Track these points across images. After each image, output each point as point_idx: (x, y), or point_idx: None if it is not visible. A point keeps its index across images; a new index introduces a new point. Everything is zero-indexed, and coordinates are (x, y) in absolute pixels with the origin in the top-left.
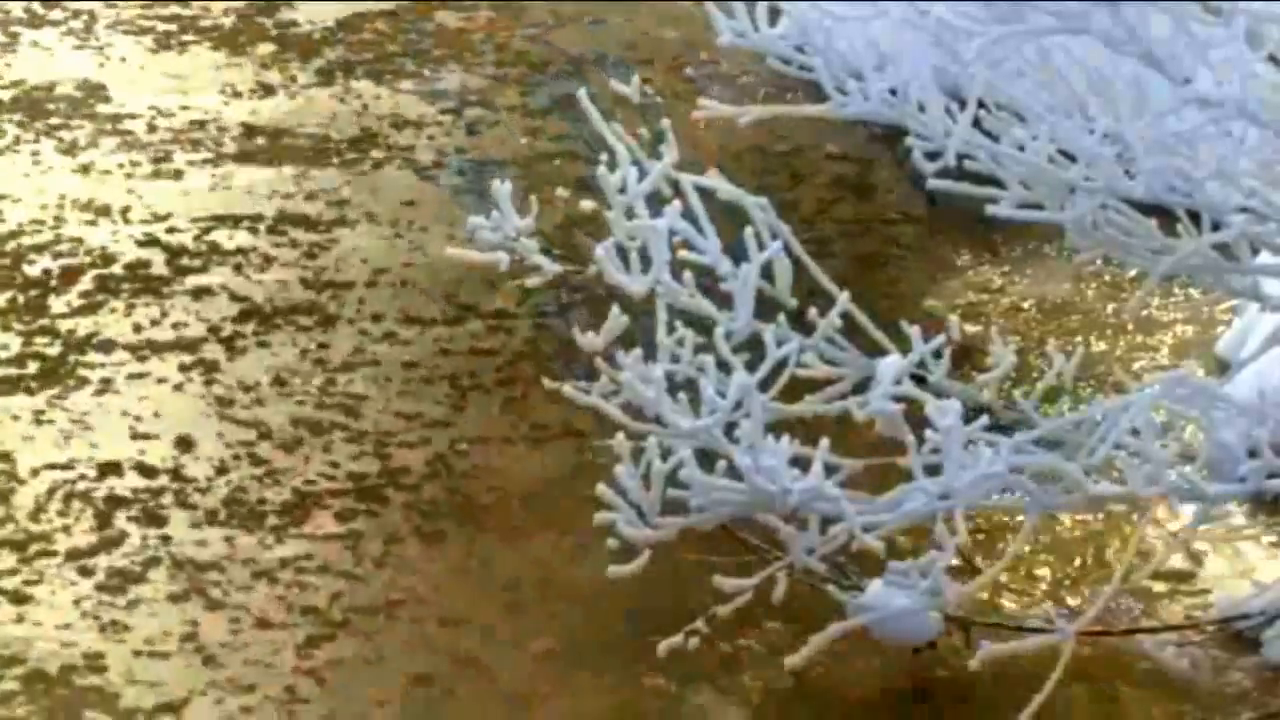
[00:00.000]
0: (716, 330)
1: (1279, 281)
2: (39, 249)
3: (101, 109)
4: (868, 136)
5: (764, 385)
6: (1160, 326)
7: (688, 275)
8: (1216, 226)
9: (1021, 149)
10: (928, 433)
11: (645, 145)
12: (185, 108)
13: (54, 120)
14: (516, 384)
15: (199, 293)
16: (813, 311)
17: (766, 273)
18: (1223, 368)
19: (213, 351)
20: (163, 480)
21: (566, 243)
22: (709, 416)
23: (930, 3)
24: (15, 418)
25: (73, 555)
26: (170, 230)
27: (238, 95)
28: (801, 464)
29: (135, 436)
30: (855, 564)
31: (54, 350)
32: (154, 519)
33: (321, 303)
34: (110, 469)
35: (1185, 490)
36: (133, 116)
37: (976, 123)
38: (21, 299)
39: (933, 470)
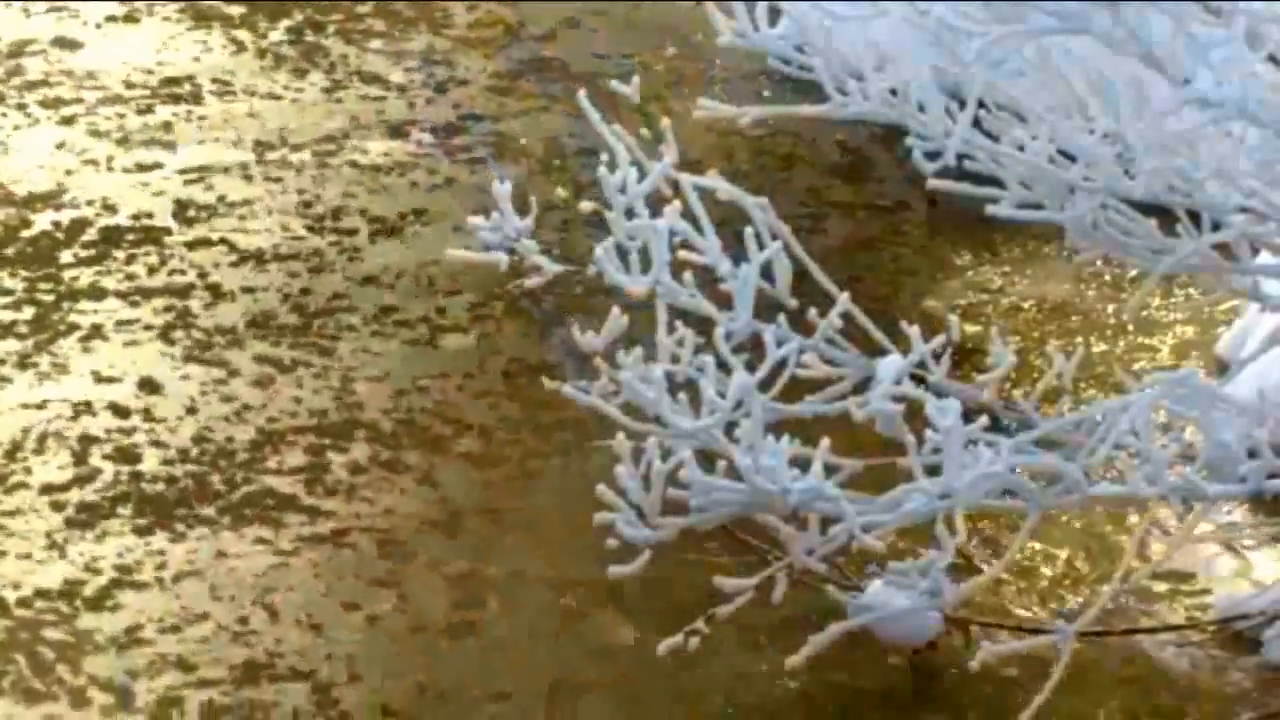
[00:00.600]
0: (716, 330)
1: (1279, 281)
2: (42, 200)
3: (76, 65)
4: (868, 136)
5: (764, 385)
6: (1160, 327)
7: (687, 276)
8: (1216, 226)
9: (1021, 149)
10: (928, 433)
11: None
12: (161, 64)
13: (32, 76)
14: (488, 321)
15: (196, 243)
16: (812, 312)
17: (766, 272)
18: (1223, 368)
19: (200, 297)
20: (135, 420)
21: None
22: (709, 417)
23: (930, 2)
24: (1, 361)
25: (46, 490)
26: (166, 178)
27: (209, 51)
28: (801, 464)
29: (112, 380)
30: (854, 565)
31: (49, 298)
32: (127, 456)
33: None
34: (85, 408)
35: (1185, 490)
36: (108, 73)
37: (976, 123)
38: (30, 250)
39: (933, 470)
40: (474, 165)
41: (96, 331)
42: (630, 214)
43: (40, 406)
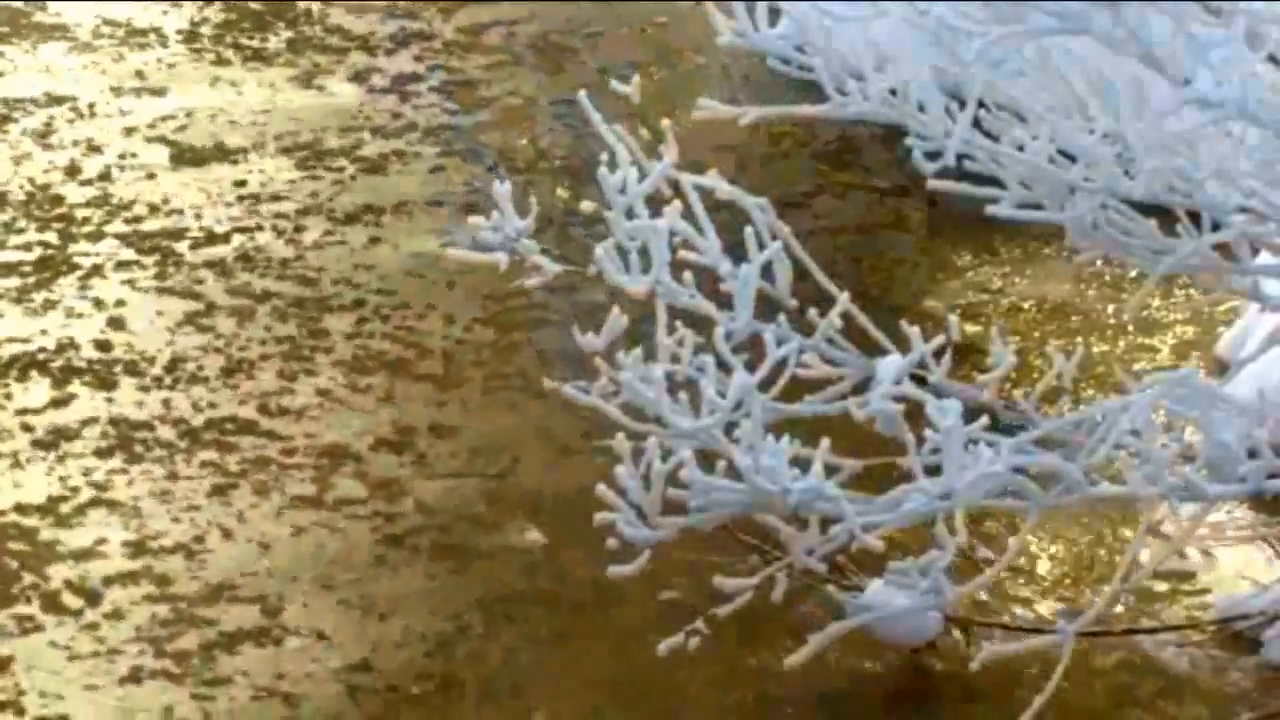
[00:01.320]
0: (716, 330)
1: (1279, 281)
2: (50, 147)
3: (44, 19)
4: (868, 136)
5: (764, 385)
6: (1160, 327)
7: (687, 275)
8: (1216, 226)
9: (1021, 149)
10: (928, 433)
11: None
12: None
13: (3, 28)
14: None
15: (199, 184)
16: (812, 312)
17: (766, 272)
18: (1223, 368)
19: (195, 237)
20: (118, 353)
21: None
22: (709, 417)
23: (930, 2)
24: None
25: (20, 413)
26: (161, 121)
27: (177, 4)
28: (801, 464)
29: (98, 313)
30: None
31: (56, 240)
32: (105, 384)
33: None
34: (69, 344)
35: (1185, 490)
36: (79, 24)
37: (976, 123)
38: (40, 195)
39: (933, 470)
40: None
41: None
42: (630, 214)
43: (26, 341)
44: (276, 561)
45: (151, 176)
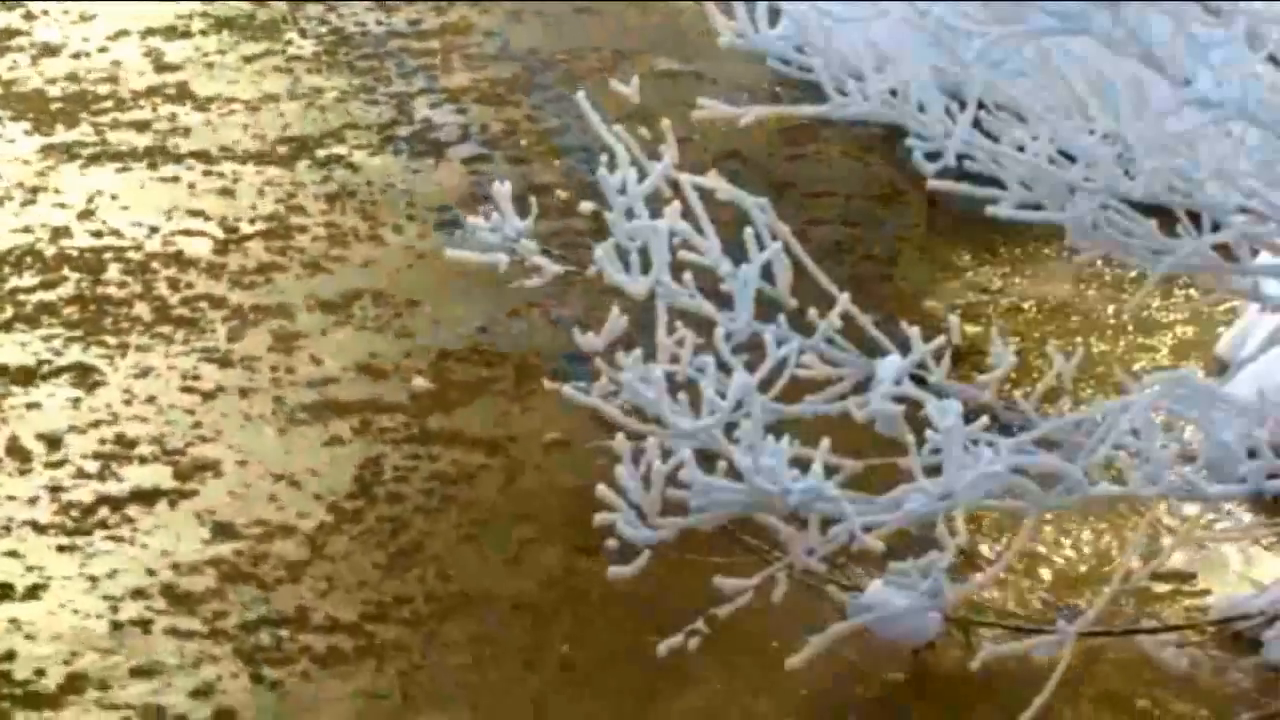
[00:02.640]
0: (716, 331)
1: (1279, 281)
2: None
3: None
4: (868, 136)
5: (764, 385)
6: (1160, 327)
7: (688, 276)
8: (1216, 227)
9: (1021, 149)
10: (928, 433)
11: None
12: None
13: None
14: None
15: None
16: (812, 312)
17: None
18: (1223, 368)
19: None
20: (109, 240)
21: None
22: (709, 417)
23: (930, 3)
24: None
25: (13, 293)
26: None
27: None
28: (801, 464)
29: (97, 212)
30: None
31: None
32: (91, 269)
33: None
34: (63, 232)
35: (1185, 490)
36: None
37: (976, 123)
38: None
39: (933, 470)
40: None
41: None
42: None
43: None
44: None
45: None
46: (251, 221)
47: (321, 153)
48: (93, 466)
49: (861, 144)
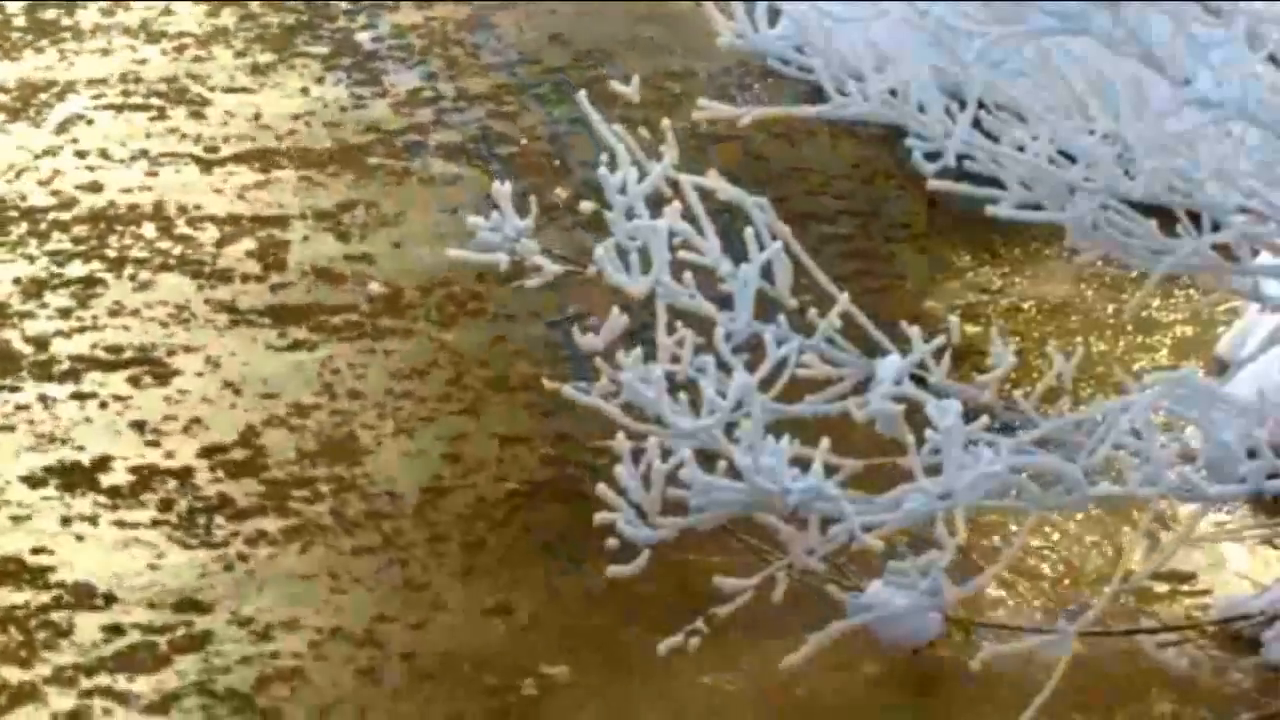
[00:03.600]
0: (716, 330)
1: (1279, 281)
2: None
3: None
4: (867, 137)
5: (764, 385)
6: (1160, 327)
7: (688, 275)
8: (1216, 227)
9: (1021, 149)
10: (928, 433)
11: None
12: None
13: None
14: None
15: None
16: (812, 312)
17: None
18: (1223, 368)
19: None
20: (94, 160)
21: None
22: (709, 417)
23: (930, 3)
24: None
25: (27, 214)
26: None
27: None
28: (801, 464)
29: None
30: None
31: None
32: (91, 187)
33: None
34: (53, 151)
35: (1185, 490)
36: None
37: (976, 123)
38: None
39: (933, 470)
40: None
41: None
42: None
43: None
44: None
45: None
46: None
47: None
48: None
49: (860, 141)
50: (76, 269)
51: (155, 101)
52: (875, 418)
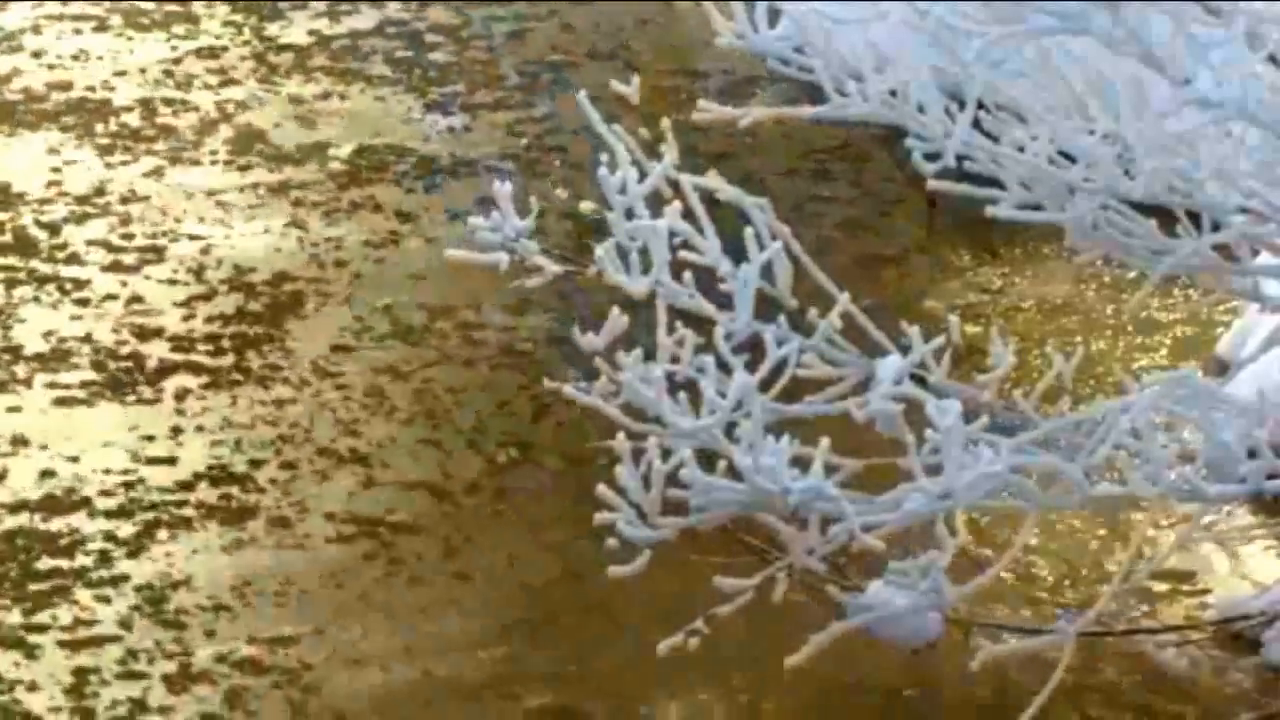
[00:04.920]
0: (716, 330)
1: (1279, 282)
2: None
3: None
4: (868, 137)
5: (764, 385)
6: (1160, 327)
7: (687, 275)
8: (1216, 227)
9: (1021, 150)
10: (928, 433)
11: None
12: None
13: None
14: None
15: None
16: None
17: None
18: (1223, 368)
19: None
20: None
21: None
22: (709, 417)
23: (930, 3)
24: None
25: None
26: None
27: None
28: (801, 464)
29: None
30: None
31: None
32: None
33: None
34: (60, 86)
35: (1185, 490)
36: None
37: (976, 123)
38: None
39: (933, 470)
40: None
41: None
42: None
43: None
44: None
45: None
46: None
47: None
48: None
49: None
50: None
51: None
52: (875, 418)
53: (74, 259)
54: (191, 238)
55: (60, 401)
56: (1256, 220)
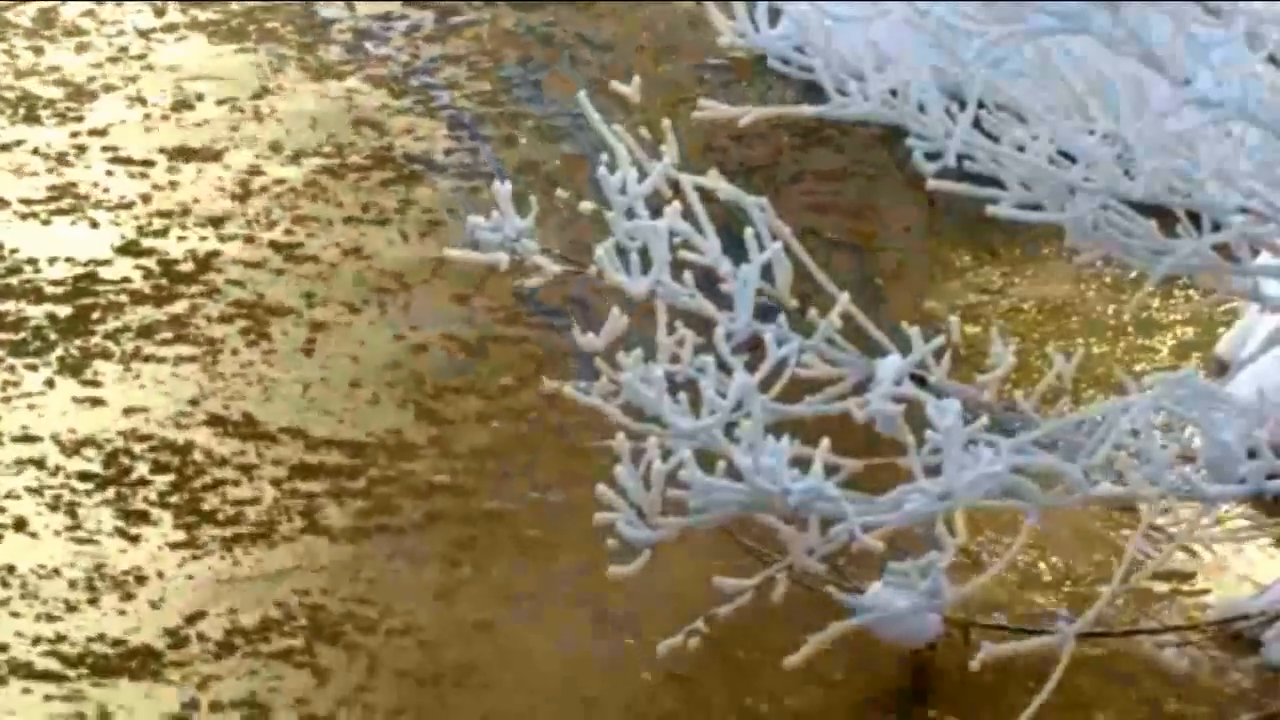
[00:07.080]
0: (716, 330)
1: (1279, 282)
2: None
3: None
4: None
5: (764, 385)
6: (1160, 328)
7: (688, 275)
8: (1217, 227)
9: (1021, 149)
10: (928, 433)
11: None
12: None
13: None
14: None
15: None
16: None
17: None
18: (1223, 368)
19: None
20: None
21: None
22: (709, 417)
23: (930, 3)
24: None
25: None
26: None
27: None
28: (801, 464)
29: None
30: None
31: None
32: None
33: None
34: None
35: (1185, 490)
36: None
37: (976, 123)
38: None
39: (933, 470)
40: None
41: None
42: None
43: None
44: None
45: None
46: None
47: None
48: None
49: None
50: None
51: None
52: (875, 418)
53: None
54: None
55: None
56: (1256, 220)
